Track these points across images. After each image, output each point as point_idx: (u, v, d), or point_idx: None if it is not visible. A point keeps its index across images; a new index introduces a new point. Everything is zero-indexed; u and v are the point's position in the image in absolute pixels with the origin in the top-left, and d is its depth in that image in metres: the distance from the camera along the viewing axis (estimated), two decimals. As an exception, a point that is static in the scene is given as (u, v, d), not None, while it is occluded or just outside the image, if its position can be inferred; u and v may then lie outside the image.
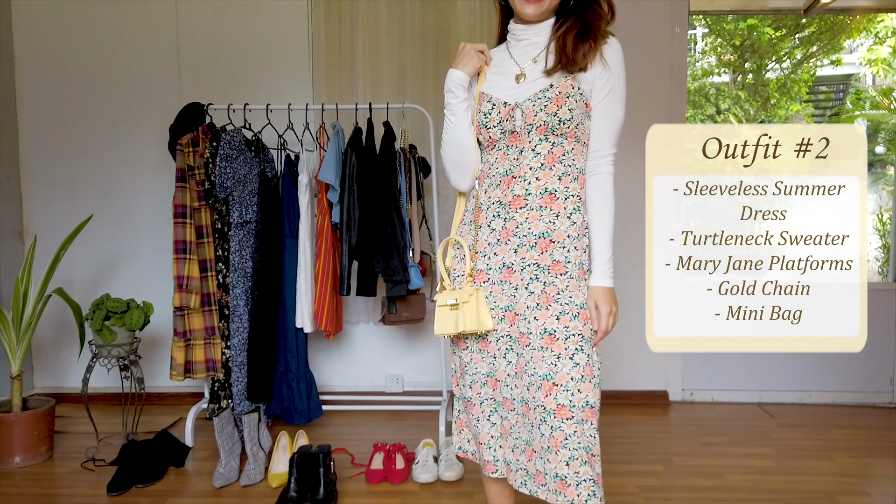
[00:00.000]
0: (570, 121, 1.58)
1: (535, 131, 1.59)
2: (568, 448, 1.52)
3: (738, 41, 6.56)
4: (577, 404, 1.53)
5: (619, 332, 3.46)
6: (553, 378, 1.53)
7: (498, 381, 1.64)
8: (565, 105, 1.57)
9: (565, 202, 1.63)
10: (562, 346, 1.55)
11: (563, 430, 1.53)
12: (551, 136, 1.60)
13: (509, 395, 1.63)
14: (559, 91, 1.57)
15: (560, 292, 1.58)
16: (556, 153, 1.61)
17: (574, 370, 1.54)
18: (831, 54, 6.33)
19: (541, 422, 1.55)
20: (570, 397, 1.53)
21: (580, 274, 1.62)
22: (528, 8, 1.59)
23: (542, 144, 1.60)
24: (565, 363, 1.54)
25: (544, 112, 1.57)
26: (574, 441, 1.53)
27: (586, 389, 1.54)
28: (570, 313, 1.57)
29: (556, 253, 1.60)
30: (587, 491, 1.51)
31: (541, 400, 1.54)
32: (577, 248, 1.63)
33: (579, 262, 1.62)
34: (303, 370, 3.02)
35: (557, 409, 1.53)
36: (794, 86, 6.42)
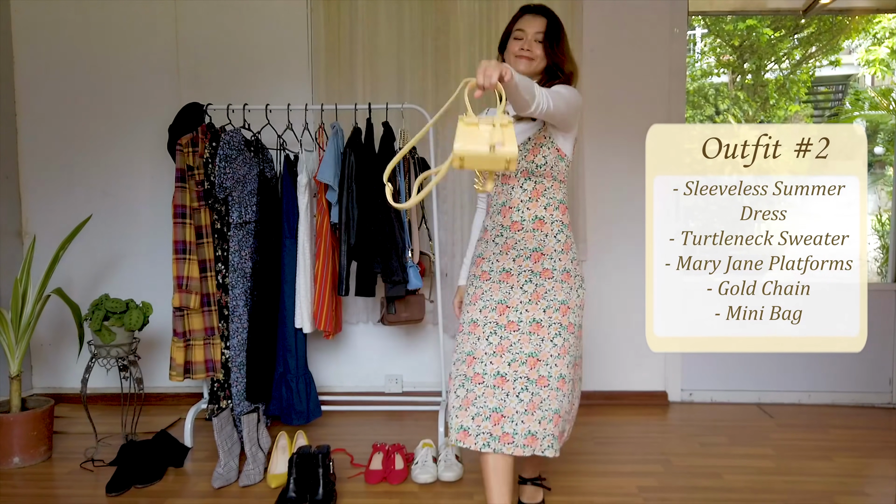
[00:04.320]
0: (545, 165, 2.00)
1: (520, 174, 2.01)
2: (542, 409, 1.92)
3: (738, 42, 6.57)
4: (554, 375, 1.94)
5: (618, 332, 3.48)
6: (537, 355, 1.95)
7: (475, 358, 1.98)
8: (539, 154, 1.99)
9: (551, 226, 2.03)
10: (545, 331, 1.97)
11: (540, 396, 1.93)
12: (532, 177, 2.01)
13: (481, 371, 1.97)
14: (535, 143, 1.99)
15: (547, 291, 2.00)
16: (539, 189, 2.02)
17: (553, 349, 1.96)
18: (830, 55, 6.33)
19: (521, 390, 1.94)
20: (549, 370, 1.94)
21: (564, 278, 2.01)
22: (520, 65, 2.00)
23: (527, 183, 2.02)
24: (547, 344, 1.96)
25: (524, 160, 1.99)
26: (546, 404, 1.92)
27: (561, 364, 1.95)
28: (553, 307, 1.99)
29: (546, 262, 2.02)
30: (548, 443, 1.91)
31: (525, 373, 1.94)
32: (561, 259, 2.02)
33: (563, 269, 2.02)
34: (302, 370, 3.02)
35: (539, 379, 1.94)
36: (793, 86, 6.43)
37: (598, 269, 3.45)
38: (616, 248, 3.47)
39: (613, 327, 3.47)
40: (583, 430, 3.12)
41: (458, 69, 3.34)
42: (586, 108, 3.35)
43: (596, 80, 3.38)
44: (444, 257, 3.36)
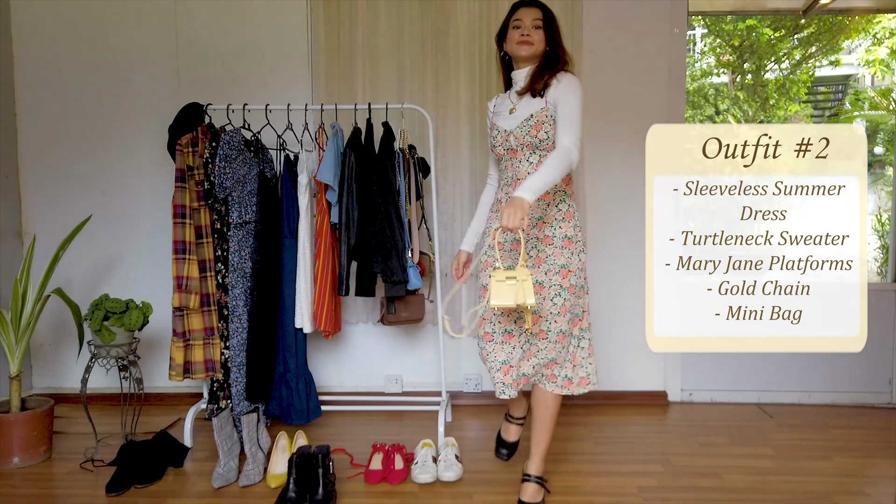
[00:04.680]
0: (547, 140, 2.21)
1: (525, 148, 2.24)
2: (537, 357, 2.25)
3: (737, 42, 6.57)
4: (553, 330, 2.23)
5: (618, 332, 3.48)
6: (539, 312, 2.22)
7: (485, 319, 2.31)
8: (542, 130, 2.21)
9: (554, 196, 2.26)
10: (546, 291, 2.23)
11: (537, 346, 2.24)
12: (537, 151, 2.23)
13: (490, 330, 2.31)
14: (537, 119, 2.21)
15: (548, 256, 2.24)
16: (544, 161, 2.14)
17: (553, 308, 2.23)
18: (830, 55, 6.33)
19: (524, 342, 2.27)
20: (549, 325, 2.23)
21: (565, 244, 2.24)
22: (522, 50, 2.25)
23: (532, 156, 2.24)
24: (548, 303, 2.22)
25: (528, 135, 2.22)
26: (543, 353, 2.25)
27: (561, 321, 2.23)
28: (553, 270, 2.23)
29: (547, 230, 2.25)
30: (538, 380, 2.30)
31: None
32: (562, 227, 2.25)
33: (564, 236, 2.25)
34: (302, 370, 3.02)
35: (538, 332, 2.23)
36: (792, 86, 6.42)
37: (598, 269, 3.45)
38: (616, 248, 3.47)
39: (613, 327, 3.47)
40: (583, 430, 3.12)
41: (458, 69, 3.34)
42: (586, 108, 3.34)
43: (596, 80, 3.38)
44: (444, 257, 3.36)
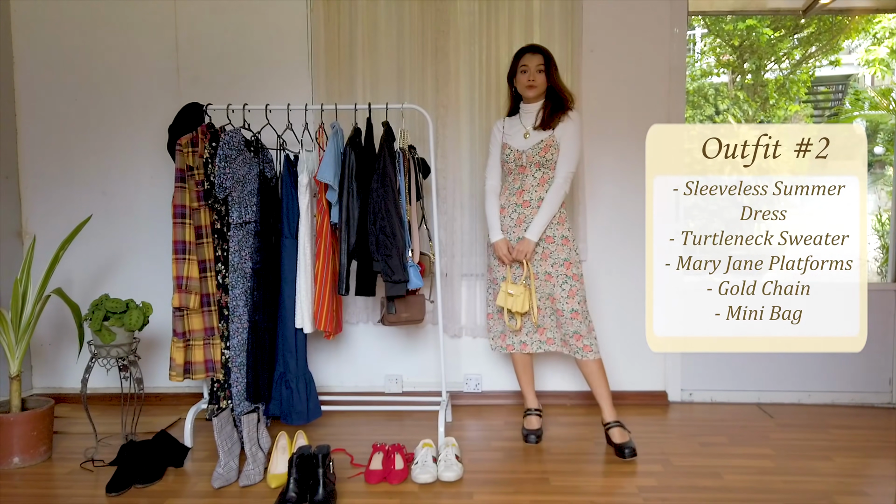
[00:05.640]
0: (551, 160, 2.84)
1: (533, 165, 2.85)
2: (550, 330, 2.92)
3: (737, 42, 6.57)
4: (567, 309, 2.84)
5: (619, 332, 3.48)
6: (553, 295, 2.86)
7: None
8: (549, 152, 2.83)
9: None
10: (555, 280, 2.85)
11: (557, 321, 2.88)
12: (542, 168, 2.85)
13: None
14: (546, 144, 2.82)
15: (552, 252, 2.86)
16: (546, 177, 2.86)
17: (562, 293, 2.84)
18: (830, 55, 6.33)
19: (546, 316, 2.91)
20: (563, 305, 2.84)
21: (563, 242, 2.86)
22: (529, 92, 2.85)
23: (537, 172, 2.86)
24: (558, 289, 2.84)
25: (538, 156, 2.83)
26: (553, 329, 2.91)
27: (572, 302, 2.83)
28: (559, 263, 2.85)
29: (548, 231, 2.85)
30: (583, 353, 2.86)
31: (547, 305, 2.90)
32: (559, 229, 2.86)
33: (562, 236, 2.86)
34: (302, 370, 3.02)
35: (557, 311, 2.86)
36: (792, 86, 6.42)
37: (598, 269, 3.45)
38: (616, 248, 3.47)
39: (613, 327, 3.47)
40: (583, 430, 3.12)
41: (458, 69, 3.35)
42: (586, 108, 3.36)
43: (596, 80, 3.38)
44: (444, 257, 3.36)
